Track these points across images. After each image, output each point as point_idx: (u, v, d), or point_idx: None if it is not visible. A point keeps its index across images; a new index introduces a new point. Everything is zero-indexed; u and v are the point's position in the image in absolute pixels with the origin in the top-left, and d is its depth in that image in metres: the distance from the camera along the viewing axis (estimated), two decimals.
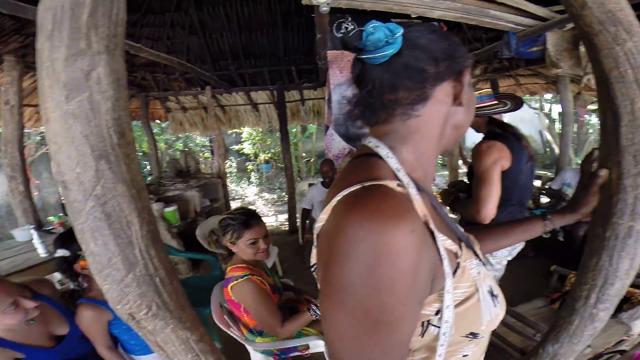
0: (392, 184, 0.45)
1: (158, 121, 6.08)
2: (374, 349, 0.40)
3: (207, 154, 9.64)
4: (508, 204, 1.58)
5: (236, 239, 1.45)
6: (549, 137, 7.56)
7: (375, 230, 0.38)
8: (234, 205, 7.08)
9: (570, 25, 2.49)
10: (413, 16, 1.86)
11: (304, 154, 9.45)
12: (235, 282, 1.42)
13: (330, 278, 0.42)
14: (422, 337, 0.48)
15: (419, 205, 0.45)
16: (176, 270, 3.23)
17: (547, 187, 3.66)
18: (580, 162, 6.74)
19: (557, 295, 2.05)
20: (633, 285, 2.02)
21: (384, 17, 3.22)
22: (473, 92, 0.60)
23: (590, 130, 7.53)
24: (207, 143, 9.87)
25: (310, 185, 3.74)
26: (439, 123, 0.55)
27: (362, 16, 3.21)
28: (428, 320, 0.47)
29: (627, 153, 0.69)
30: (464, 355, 0.53)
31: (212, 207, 4.20)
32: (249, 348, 1.58)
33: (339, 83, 3.44)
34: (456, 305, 0.48)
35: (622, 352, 1.39)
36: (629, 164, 0.69)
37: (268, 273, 1.67)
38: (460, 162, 4.98)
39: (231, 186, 8.52)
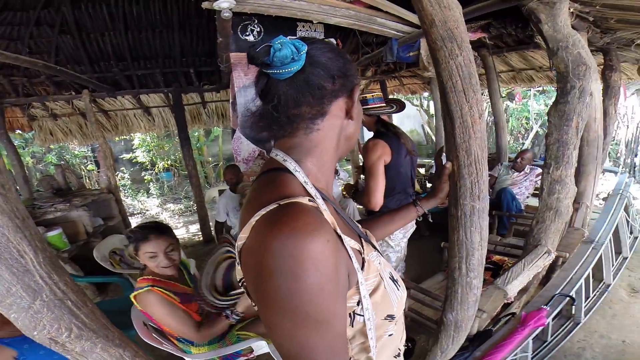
0: (304, 200, 0.49)
1: (19, 132, 5.03)
2: (321, 344, 0.46)
3: (91, 166, 8.34)
4: (394, 192, 1.88)
5: (135, 252, 1.46)
6: (429, 130, 8.88)
7: (297, 245, 0.42)
8: (133, 222, 6.34)
9: None
10: (314, 22, 2.02)
11: (210, 159, 9.00)
12: (136, 292, 1.42)
13: (265, 294, 0.45)
14: (352, 326, 0.55)
15: (327, 215, 0.50)
16: None
17: (430, 173, 4.33)
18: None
19: None
20: (503, 254, 2.54)
21: (291, 21, 3.36)
22: (360, 107, 0.67)
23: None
24: (89, 153, 8.52)
25: (220, 191, 3.64)
26: (336, 136, 0.60)
27: (268, 19, 3.23)
28: (353, 311, 0.55)
29: (461, 149, 0.92)
30: (389, 335, 0.62)
31: (106, 225, 3.72)
32: None
33: (244, 85, 3.43)
34: (370, 294, 0.56)
35: (513, 314, 1.72)
36: (463, 157, 0.93)
37: (188, 282, 1.63)
38: (360, 157, 5.50)
39: (127, 200, 7.59)
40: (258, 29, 3.30)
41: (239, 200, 3.21)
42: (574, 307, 2.15)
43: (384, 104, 1.96)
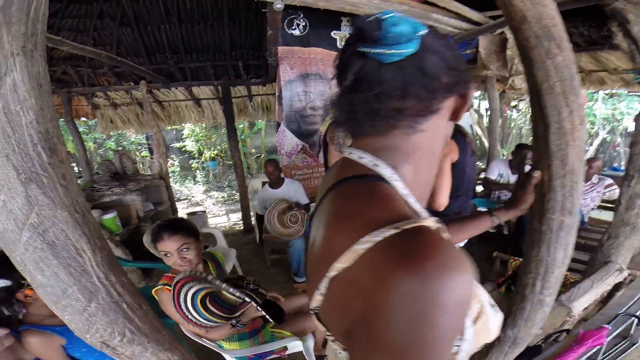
0: (431, 224, 0.39)
1: (84, 119, 5.47)
2: None
3: (145, 153, 8.92)
4: (457, 193, 1.75)
5: (154, 250, 1.46)
6: (478, 131, 8.34)
7: (441, 287, 0.33)
8: (180, 207, 6.68)
9: (499, 30, 2.76)
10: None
11: (253, 150, 9.22)
12: (154, 289, 1.43)
13: (381, 340, 0.36)
14: None
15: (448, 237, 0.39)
16: None
17: (482, 177, 4.03)
18: (506, 153, 7.58)
19: (502, 279, 2.20)
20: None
21: (336, 14, 3.30)
22: None
23: (512, 125, 8.47)
24: (144, 141, 9.12)
25: (263, 183, 3.68)
26: (439, 139, 0.50)
27: (314, 13, 3.21)
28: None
29: (556, 157, 0.79)
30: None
31: (156, 211, 3.91)
32: (224, 354, 1.55)
33: (290, 79, 3.41)
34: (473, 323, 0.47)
35: (567, 331, 1.57)
36: (557, 167, 0.79)
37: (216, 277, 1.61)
38: None
39: (175, 186, 8.02)
40: (304, 23, 3.28)
41: (277, 197, 3.20)
42: (634, 326, 1.91)
43: None
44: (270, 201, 3.20)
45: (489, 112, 8.93)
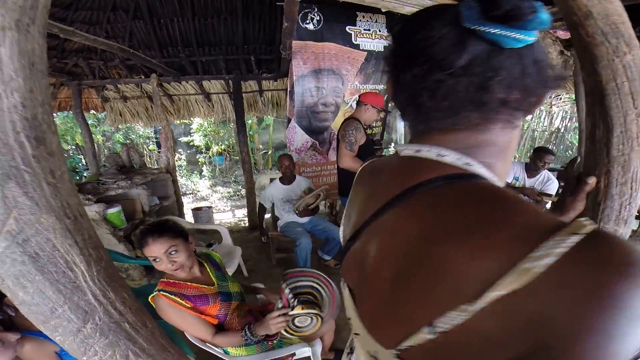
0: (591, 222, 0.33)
1: (93, 112, 5.46)
2: None
3: (152, 146, 8.91)
4: None
5: (144, 255, 1.36)
6: None
7: None
8: (185, 202, 6.65)
9: None
10: (383, 10, 1.82)
11: (260, 146, 9.16)
12: (151, 295, 1.34)
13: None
14: None
15: None
16: (127, 277, 2.93)
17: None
18: (517, 155, 7.39)
19: None
20: None
21: (352, 9, 3.20)
22: None
23: (526, 127, 8.26)
24: (152, 134, 9.12)
25: (272, 179, 3.60)
26: (518, 135, 0.46)
27: (329, 7, 3.13)
28: None
29: (617, 163, 0.70)
30: None
31: (162, 205, 3.87)
32: None
33: (302, 74, 3.32)
34: None
35: None
36: (617, 174, 0.70)
37: (212, 279, 1.51)
38: None
39: (181, 180, 8.00)
40: (318, 18, 3.20)
41: (289, 193, 3.12)
42: None
43: None
44: (279, 197, 3.12)
45: None
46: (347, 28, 3.40)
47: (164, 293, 1.32)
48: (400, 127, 10.96)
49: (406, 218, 0.41)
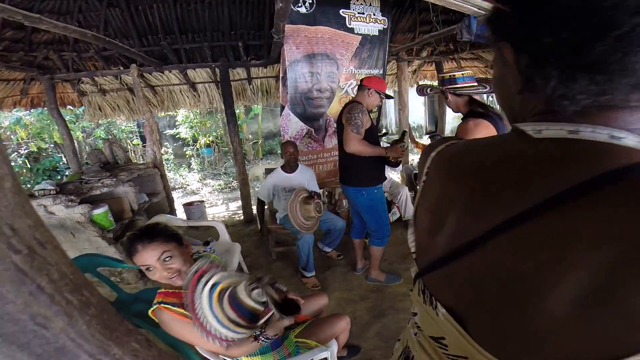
0: None
1: (70, 107, 5.14)
2: None
3: (137, 141, 8.57)
4: None
5: (133, 265, 1.23)
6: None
7: None
8: (175, 197, 6.43)
9: None
10: None
11: (249, 136, 8.94)
12: (151, 309, 1.21)
13: None
14: None
15: None
16: (121, 282, 2.76)
17: None
18: None
19: None
20: None
21: None
22: None
23: None
24: (135, 129, 8.75)
25: (267, 170, 3.45)
26: None
27: None
28: None
29: None
30: None
31: (151, 202, 3.68)
32: None
33: (295, 60, 3.14)
34: None
35: None
36: None
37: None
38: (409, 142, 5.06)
39: (169, 175, 7.74)
40: (310, 1, 3.03)
41: (292, 182, 2.97)
42: None
43: (476, 83, 1.68)
44: (282, 186, 2.98)
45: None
46: (340, 11, 3.23)
47: (166, 305, 1.18)
48: (390, 112, 10.84)
49: (589, 228, 0.31)
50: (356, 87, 3.70)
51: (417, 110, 9.66)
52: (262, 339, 1.23)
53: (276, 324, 1.22)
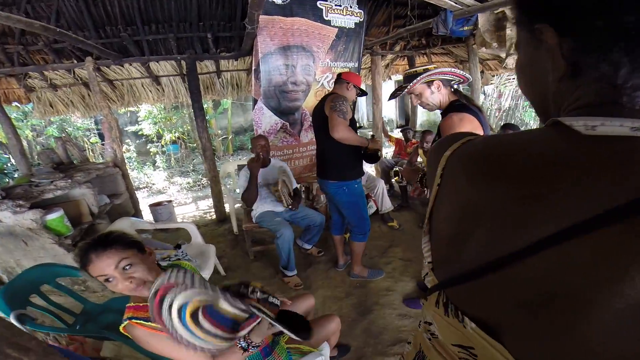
0: None
1: (17, 104, 4.65)
2: None
3: (95, 139, 7.97)
4: None
5: (90, 277, 1.07)
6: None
7: None
8: (140, 197, 6.05)
9: (501, 9, 2.61)
10: None
11: (219, 131, 8.61)
12: (122, 325, 1.08)
13: None
14: None
15: None
16: (86, 290, 2.51)
17: None
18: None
19: None
20: None
21: None
22: None
23: (490, 105, 8.56)
24: (92, 126, 8.13)
25: (240, 166, 3.30)
26: None
27: None
28: None
29: None
30: None
31: (113, 204, 3.41)
32: None
33: (269, 52, 3.01)
34: None
35: None
36: None
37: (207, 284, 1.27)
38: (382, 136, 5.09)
39: (132, 174, 7.30)
40: None
41: (266, 176, 2.85)
42: None
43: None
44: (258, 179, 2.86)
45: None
46: (318, 3, 3.14)
47: (137, 321, 1.05)
48: (361, 106, 10.90)
49: None
50: (332, 81, 3.64)
51: (388, 104, 9.80)
52: (251, 348, 1.13)
53: (261, 329, 1.12)
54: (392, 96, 1.77)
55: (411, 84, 1.55)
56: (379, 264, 2.99)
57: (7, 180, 5.67)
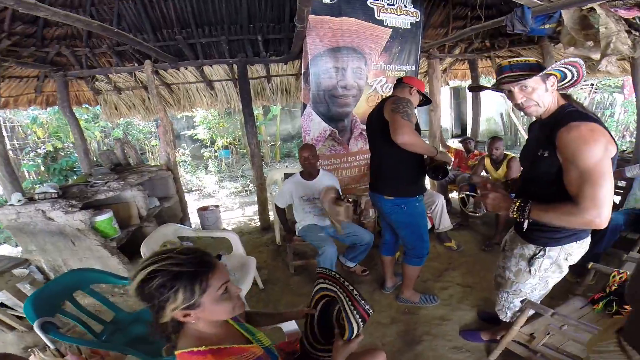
0: None
1: (87, 106, 5.03)
2: None
3: (155, 142, 8.50)
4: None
5: (200, 297, 0.78)
6: (514, 119, 7.53)
7: None
8: (191, 199, 6.26)
9: (589, 5, 2.18)
10: None
11: (268, 138, 8.71)
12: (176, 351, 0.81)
13: None
14: None
15: None
16: (124, 294, 2.51)
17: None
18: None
19: (599, 295, 1.82)
20: None
21: None
22: None
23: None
24: (154, 129, 8.69)
25: (286, 175, 3.16)
26: None
27: None
28: None
29: None
30: None
31: (162, 207, 3.45)
32: None
33: (319, 53, 2.83)
34: None
35: None
36: None
37: (244, 335, 0.99)
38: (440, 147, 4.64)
39: (186, 177, 7.61)
40: None
41: (312, 190, 2.65)
42: None
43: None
44: (300, 194, 2.67)
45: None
46: (368, 2, 2.92)
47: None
48: (415, 112, 10.39)
49: None
50: (386, 85, 3.36)
51: (443, 112, 9.17)
52: None
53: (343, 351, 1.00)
54: (477, 89, 1.48)
55: (523, 75, 1.19)
56: (433, 288, 2.64)
57: (75, 177, 6.20)
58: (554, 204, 1.15)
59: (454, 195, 4.23)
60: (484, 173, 3.58)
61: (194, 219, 4.48)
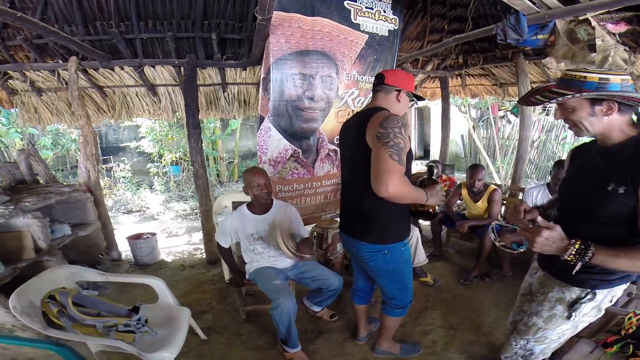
0: None
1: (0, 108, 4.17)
2: None
3: None
4: None
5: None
6: (477, 141, 7.63)
7: None
8: (131, 220, 5.37)
9: (585, 16, 2.03)
10: None
11: (225, 155, 8.01)
12: None
13: None
14: None
15: None
16: None
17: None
18: (501, 166, 6.92)
19: (614, 338, 1.64)
20: None
21: None
22: None
23: (506, 136, 7.77)
24: None
25: (235, 204, 2.59)
26: None
27: None
28: None
29: None
30: None
31: (76, 236, 2.72)
32: None
33: (283, 56, 2.39)
34: None
35: None
36: None
37: None
38: None
39: (126, 195, 6.67)
40: None
41: (264, 226, 2.11)
42: None
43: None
44: (249, 232, 2.11)
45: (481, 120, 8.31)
46: (345, 2, 2.56)
47: None
48: None
49: None
50: (358, 99, 2.98)
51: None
52: None
53: None
54: (529, 103, 1.14)
55: (567, 94, 1.00)
56: (413, 334, 2.27)
57: None
58: (625, 249, 0.97)
59: (427, 223, 3.91)
60: (459, 200, 3.30)
61: (125, 249, 3.70)
